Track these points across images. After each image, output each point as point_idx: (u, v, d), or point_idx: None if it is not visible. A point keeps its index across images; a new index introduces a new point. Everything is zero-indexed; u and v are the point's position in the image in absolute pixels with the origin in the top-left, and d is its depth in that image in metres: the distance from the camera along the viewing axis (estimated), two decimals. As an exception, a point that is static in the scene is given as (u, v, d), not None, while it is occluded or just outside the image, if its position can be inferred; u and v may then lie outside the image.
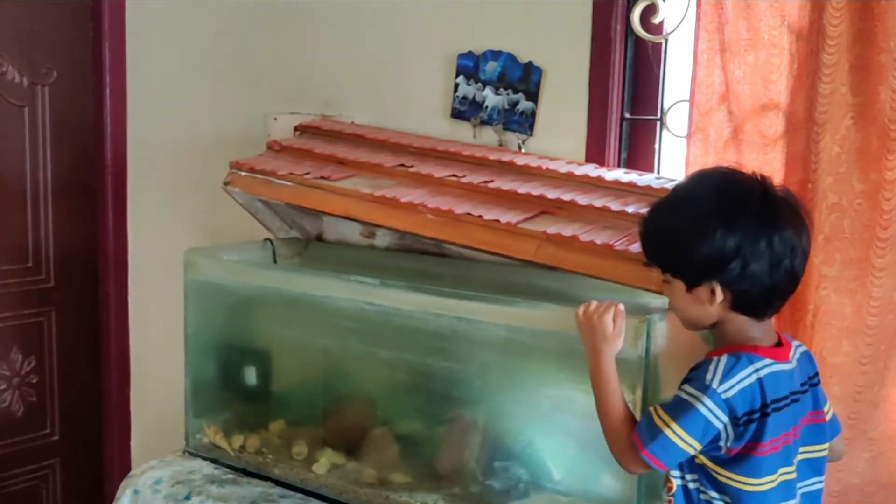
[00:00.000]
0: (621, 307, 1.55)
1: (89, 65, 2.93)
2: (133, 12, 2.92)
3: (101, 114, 2.94)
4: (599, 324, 1.53)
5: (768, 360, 1.43)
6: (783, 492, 1.44)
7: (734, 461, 1.42)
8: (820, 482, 1.52)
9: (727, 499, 1.44)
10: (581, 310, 1.57)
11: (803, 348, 1.55)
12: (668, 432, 1.40)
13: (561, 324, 1.68)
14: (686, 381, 1.45)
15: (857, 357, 1.78)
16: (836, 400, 1.76)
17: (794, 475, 1.46)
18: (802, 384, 1.50)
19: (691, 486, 1.48)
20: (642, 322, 1.60)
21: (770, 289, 1.41)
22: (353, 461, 2.09)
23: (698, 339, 1.62)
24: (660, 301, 1.74)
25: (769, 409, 1.40)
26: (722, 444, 1.41)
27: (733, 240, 1.38)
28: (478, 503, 1.90)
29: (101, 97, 2.93)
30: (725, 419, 1.39)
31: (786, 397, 1.44)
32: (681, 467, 1.48)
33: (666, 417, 1.41)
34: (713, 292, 1.42)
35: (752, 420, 1.40)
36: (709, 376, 1.40)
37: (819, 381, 1.55)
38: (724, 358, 1.42)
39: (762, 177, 1.45)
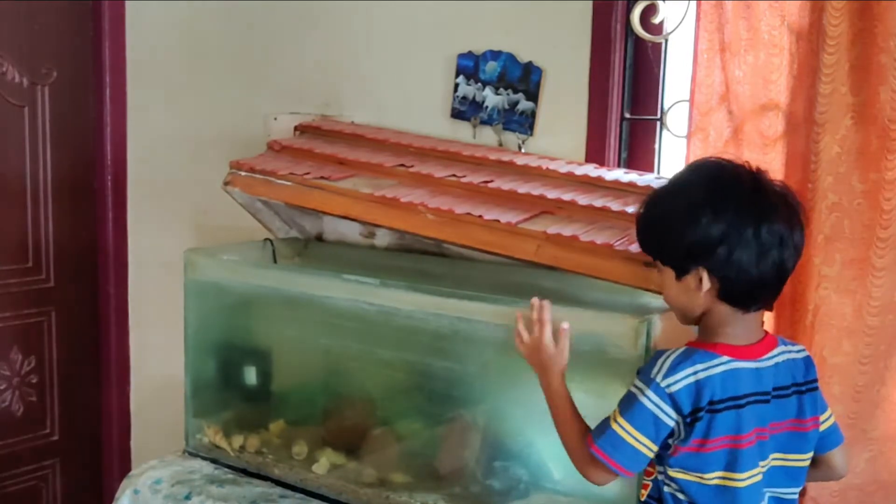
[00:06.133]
0: (565, 325, 1.56)
1: (89, 65, 2.93)
2: (133, 12, 2.92)
3: (101, 114, 2.94)
4: (540, 344, 1.56)
5: (726, 358, 1.42)
6: (751, 497, 1.42)
7: (679, 460, 1.42)
8: (794, 493, 1.50)
9: (682, 496, 1.44)
10: (516, 331, 1.60)
11: (797, 354, 1.52)
12: (614, 426, 1.42)
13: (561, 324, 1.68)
14: (637, 372, 1.46)
15: (857, 357, 1.77)
16: (836, 400, 1.76)
17: (758, 478, 1.43)
18: (780, 388, 1.46)
19: (659, 476, 1.49)
20: (642, 322, 1.60)
21: (756, 279, 1.41)
22: (353, 461, 2.09)
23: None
24: (660, 301, 1.73)
25: (720, 406, 1.39)
26: (672, 441, 1.41)
27: (719, 226, 1.39)
28: (478, 503, 1.90)
29: (101, 97, 2.93)
30: (675, 416, 1.39)
31: (746, 395, 1.42)
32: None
33: (615, 412, 1.43)
34: (700, 280, 1.42)
35: (697, 418, 1.39)
36: (654, 370, 1.41)
37: (814, 389, 1.51)
38: (675, 353, 1.42)
39: (757, 169, 1.46)
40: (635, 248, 1.68)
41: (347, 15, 2.54)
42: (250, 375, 2.28)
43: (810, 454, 1.51)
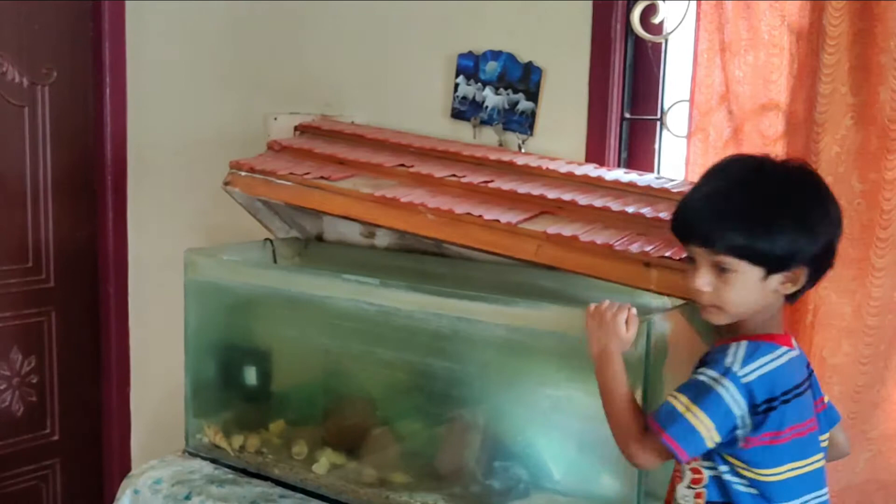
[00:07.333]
0: (634, 311, 1.54)
1: (89, 65, 2.93)
2: (133, 12, 2.92)
3: (101, 114, 2.94)
4: (612, 323, 1.51)
5: (785, 348, 1.43)
6: (814, 480, 1.44)
7: (752, 454, 1.40)
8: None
9: (753, 490, 1.42)
10: (593, 307, 1.56)
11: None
12: (689, 416, 1.37)
13: (561, 324, 1.68)
14: (703, 364, 1.43)
15: (857, 357, 1.78)
16: (835, 400, 1.75)
17: (821, 463, 1.46)
18: (808, 371, 1.50)
19: (725, 477, 1.44)
20: (642, 322, 1.60)
21: (826, 269, 1.45)
22: (353, 461, 2.09)
23: (698, 339, 1.62)
24: (660, 301, 1.74)
25: (790, 396, 1.39)
26: (739, 433, 1.38)
27: (831, 229, 1.43)
28: (478, 503, 1.90)
29: (101, 97, 2.93)
30: (745, 407, 1.37)
31: (801, 384, 1.43)
32: (711, 457, 1.44)
33: (686, 401, 1.39)
34: (797, 278, 1.42)
35: (771, 408, 1.38)
36: (728, 360, 1.39)
37: (812, 372, 1.55)
38: (744, 343, 1.41)
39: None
40: (635, 247, 1.68)
41: (347, 15, 2.54)
42: (250, 375, 2.28)
43: (827, 435, 1.53)
